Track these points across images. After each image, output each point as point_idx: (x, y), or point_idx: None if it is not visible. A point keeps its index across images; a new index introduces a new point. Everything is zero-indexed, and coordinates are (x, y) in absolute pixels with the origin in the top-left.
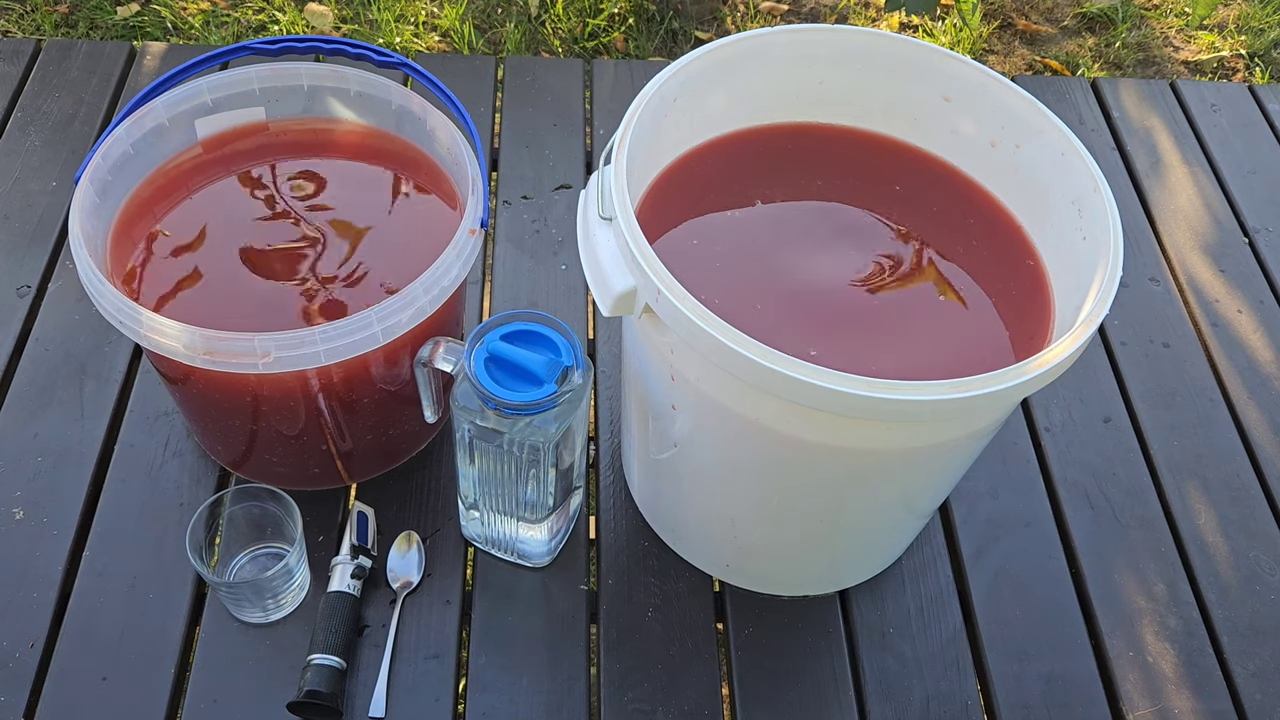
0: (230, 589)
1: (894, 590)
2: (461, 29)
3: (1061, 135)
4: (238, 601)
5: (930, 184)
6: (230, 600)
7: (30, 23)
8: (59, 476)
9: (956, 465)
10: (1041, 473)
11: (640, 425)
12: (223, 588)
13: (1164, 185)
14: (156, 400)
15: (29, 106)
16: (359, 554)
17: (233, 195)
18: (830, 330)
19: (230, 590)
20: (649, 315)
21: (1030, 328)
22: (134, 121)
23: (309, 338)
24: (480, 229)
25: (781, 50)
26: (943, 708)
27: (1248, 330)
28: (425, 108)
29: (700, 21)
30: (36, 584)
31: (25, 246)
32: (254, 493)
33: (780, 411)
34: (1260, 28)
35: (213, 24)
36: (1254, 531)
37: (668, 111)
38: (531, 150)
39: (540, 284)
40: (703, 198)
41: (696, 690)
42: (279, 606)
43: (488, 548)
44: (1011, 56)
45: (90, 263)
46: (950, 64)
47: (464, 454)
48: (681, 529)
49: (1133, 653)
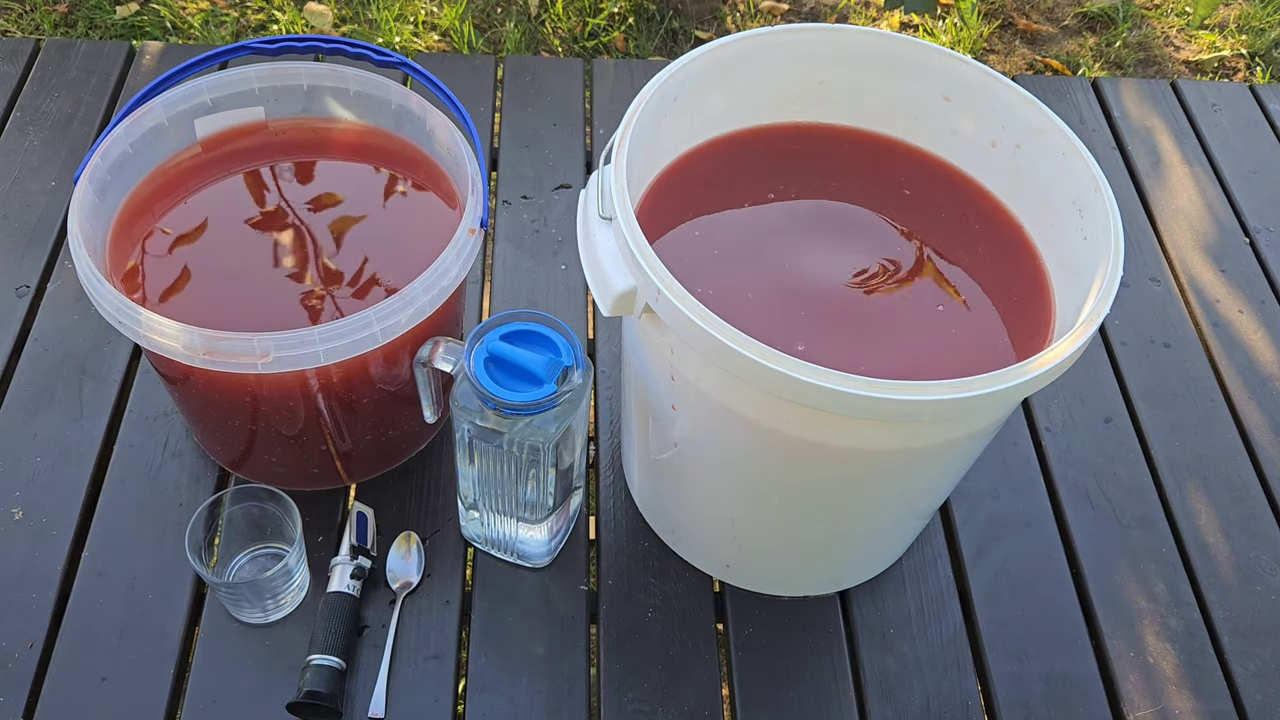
0: (230, 589)
1: (894, 590)
2: (461, 28)
3: (1062, 135)
4: (237, 602)
5: (930, 184)
6: (229, 600)
7: (29, 22)
8: (58, 477)
9: (957, 465)
10: (1042, 473)
11: (640, 425)
12: (222, 588)
13: (1165, 185)
14: (156, 400)
15: (28, 106)
16: (358, 554)
17: (232, 195)
18: (830, 330)
19: (230, 590)
20: (649, 315)
21: (1031, 328)
22: (133, 121)
23: (308, 338)
24: (480, 229)
25: (781, 50)
26: (943, 708)
27: (1248, 330)
28: (425, 107)
29: (700, 21)
30: (36, 584)
31: (24, 246)
32: (253, 493)
33: (780, 411)
34: (1261, 27)
35: (212, 24)
36: (1254, 531)
37: (668, 111)
38: (531, 150)
39: (540, 284)
40: (703, 198)
41: (696, 690)
42: (278, 607)
43: (487, 548)
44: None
45: (89, 262)
46: (950, 64)
47: (464, 454)
48: (681, 529)
49: (1133, 653)
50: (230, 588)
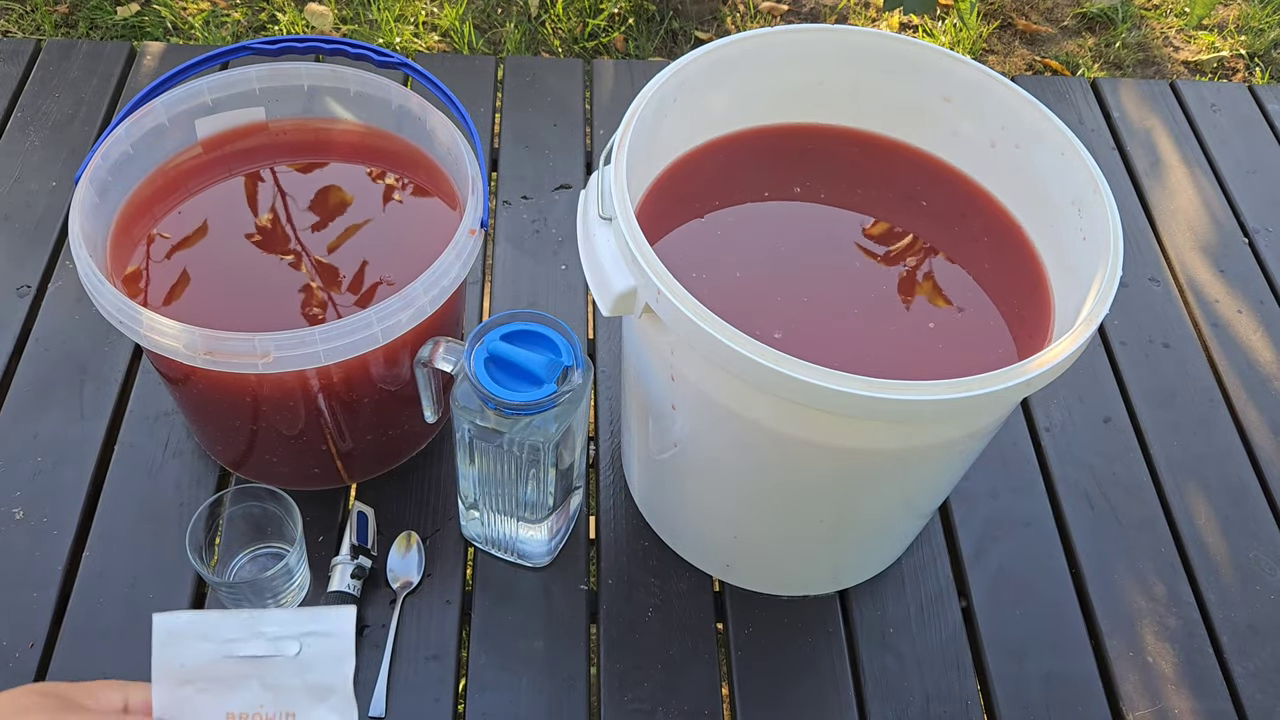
0: (230, 589)
1: (894, 590)
2: (461, 29)
3: (1061, 135)
4: (237, 601)
5: (930, 184)
6: (230, 600)
7: (30, 23)
8: (59, 476)
9: (957, 465)
10: (1041, 473)
11: (640, 425)
12: (223, 588)
13: (1164, 185)
14: (156, 400)
15: (29, 106)
16: (359, 554)
17: (232, 195)
18: (830, 329)
19: (230, 590)
20: (649, 315)
21: (1030, 328)
22: (134, 121)
23: (309, 338)
24: (480, 229)
25: (781, 50)
26: (943, 708)
27: (1248, 330)
28: (425, 107)
29: (700, 21)
30: (36, 584)
31: (25, 246)
32: (254, 493)
33: (780, 411)
34: (1260, 28)
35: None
36: (1254, 531)
37: (668, 111)
38: (531, 150)
39: (540, 284)
40: (703, 198)
41: (696, 690)
42: (279, 606)
43: (488, 548)
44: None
45: (90, 263)
46: (950, 64)
47: (464, 454)
48: (681, 529)
49: (1132, 653)
50: (231, 587)
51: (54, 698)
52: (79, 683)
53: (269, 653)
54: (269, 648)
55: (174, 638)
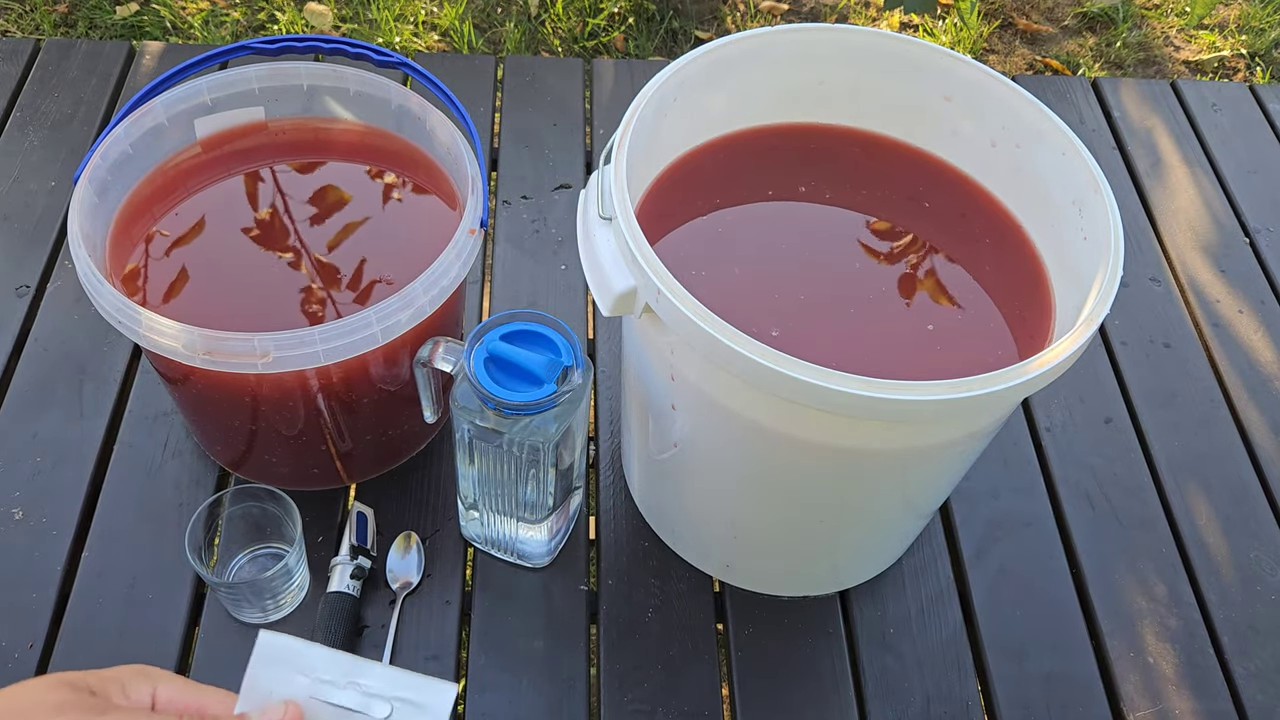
0: (229, 589)
1: (894, 590)
2: (461, 28)
3: (1062, 135)
4: (237, 602)
5: (930, 184)
6: (229, 601)
7: (29, 22)
8: (58, 476)
9: (957, 465)
10: (1042, 473)
11: (640, 425)
12: (222, 588)
13: (1165, 185)
14: (156, 400)
15: (28, 106)
16: (358, 554)
17: (232, 195)
18: (830, 329)
19: (229, 591)
20: (649, 315)
21: (1030, 328)
22: (133, 121)
23: (308, 337)
24: (480, 229)
25: (781, 50)
26: (943, 708)
27: (1248, 330)
28: (424, 107)
29: (700, 21)
30: (36, 584)
31: (24, 246)
32: (253, 493)
33: (780, 411)
34: (1261, 27)
35: (212, 24)
36: (1254, 531)
37: (668, 111)
38: (531, 150)
39: (540, 284)
40: (703, 198)
41: (696, 690)
42: (278, 607)
43: (487, 548)
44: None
45: (89, 262)
46: (950, 64)
47: (464, 454)
48: (681, 529)
49: (1133, 653)
50: (230, 588)
51: (84, 692)
52: (104, 671)
53: (358, 707)
54: (360, 702)
55: (272, 660)
